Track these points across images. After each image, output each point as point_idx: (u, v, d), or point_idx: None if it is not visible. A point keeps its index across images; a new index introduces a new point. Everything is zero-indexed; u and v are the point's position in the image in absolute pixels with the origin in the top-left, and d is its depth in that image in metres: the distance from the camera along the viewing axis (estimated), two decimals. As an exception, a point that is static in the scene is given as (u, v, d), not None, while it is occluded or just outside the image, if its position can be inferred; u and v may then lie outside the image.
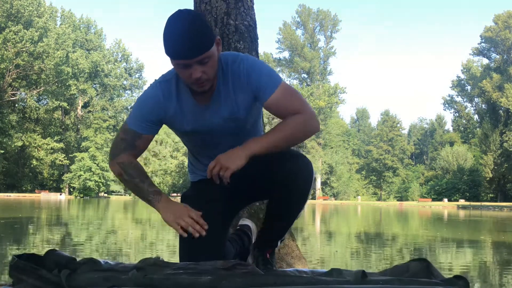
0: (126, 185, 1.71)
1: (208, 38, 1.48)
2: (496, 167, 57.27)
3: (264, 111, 1.79)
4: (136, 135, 1.67)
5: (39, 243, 5.52)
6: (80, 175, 51.77)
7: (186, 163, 58.67)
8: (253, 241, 1.97)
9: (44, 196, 43.67)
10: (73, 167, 52.47)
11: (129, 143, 1.68)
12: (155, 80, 1.69)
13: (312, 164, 1.65)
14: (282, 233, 1.82)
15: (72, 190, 54.07)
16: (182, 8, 1.56)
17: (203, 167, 1.79)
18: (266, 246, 1.85)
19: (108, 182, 55.33)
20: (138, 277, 1.35)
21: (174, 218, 1.61)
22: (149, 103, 1.65)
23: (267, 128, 2.20)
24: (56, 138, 53.11)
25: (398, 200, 65.83)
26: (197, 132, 1.69)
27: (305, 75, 68.91)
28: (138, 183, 1.68)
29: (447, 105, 71.02)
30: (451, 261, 4.91)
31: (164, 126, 1.76)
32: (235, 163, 1.52)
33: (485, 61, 63.19)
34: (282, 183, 1.61)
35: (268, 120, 56.83)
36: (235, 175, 1.62)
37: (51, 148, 51.91)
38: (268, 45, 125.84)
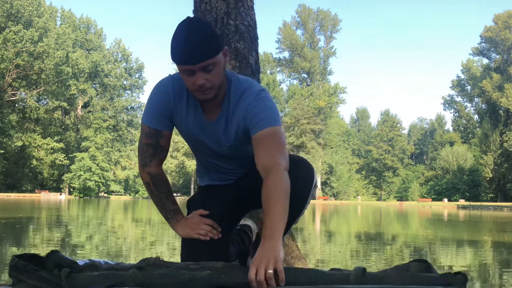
0: (151, 195, 1.76)
1: (214, 46, 1.48)
2: (496, 167, 57.29)
3: None
4: (158, 134, 1.68)
5: (39, 243, 5.52)
6: (80, 175, 51.79)
7: (186, 163, 58.66)
8: (253, 240, 1.98)
9: (44, 196, 43.67)
10: (73, 167, 52.48)
11: (155, 146, 1.69)
12: (169, 74, 1.69)
13: (313, 170, 1.67)
14: None
15: (72, 190, 54.08)
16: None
17: (209, 173, 1.86)
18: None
19: (108, 182, 55.38)
20: (138, 275, 1.36)
21: (191, 230, 1.69)
22: (160, 97, 1.66)
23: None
24: (56, 138, 53.13)
25: (398, 200, 65.85)
26: (196, 141, 1.72)
27: (305, 75, 68.96)
28: (163, 198, 1.74)
29: (447, 105, 71.12)
30: (452, 261, 4.91)
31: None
32: (278, 254, 1.35)
33: (485, 61, 63.36)
34: None
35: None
36: (242, 183, 1.74)
37: (51, 148, 51.92)
38: (268, 45, 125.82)
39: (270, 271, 1.28)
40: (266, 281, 1.27)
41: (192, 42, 1.46)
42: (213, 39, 1.49)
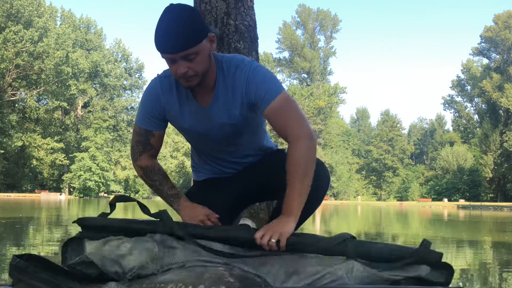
0: (148, 185, 1.80)
1: (195, 34, 1.46)
2: (496, 167, 57.28)
3: None
4: (148, 133, 1.70)
5: (39, 243, 5.53)
6: (80, 175, 51.77)
7: (186, 163, 58.62)
8: None
9: (44, 196, 43.67)
10: (73, 167, 52.47)
11: (144, 144, 1.72)
12: (157, 75, 1.69)
13: (328, 173, 1.70)
14: None
15: (72, 190, 54.07)
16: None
17: (207, 167, 1.85)
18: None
19: (108, 182, 55.34)
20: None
21: (189, 219, 1.69)
22: (150, 99, 1.67)
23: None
24: (56, 138, 53.11)
25: (398, 200, 65.87)
26: (195, 132, 1.71)
27: (305, 75, 68.94)
28: (157, 186, 1.76)
29: (447, 105, 71.09)
30: (452, 261, 4.91)
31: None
32: (287, 228, 1.47)
33: (485, 61, 63.31)
34: None
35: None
36: (246, 176, 1.73)
37: (51, 148, 51.91)
38: (268, 45, 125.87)
39: (274, 240, 1.43)
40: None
41: (172, 32, 1.44)
42: (194, 28, 1.46)
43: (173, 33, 1.45)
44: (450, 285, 1.33)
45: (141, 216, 1.66)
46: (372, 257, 1.38)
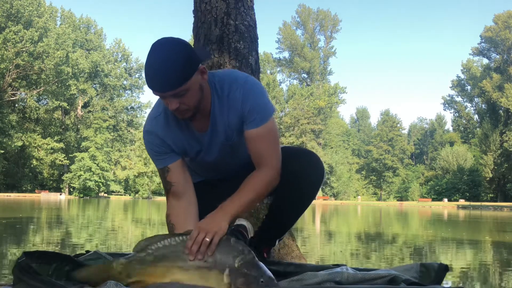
0: None
1: (183, 73, 1.43)
2: (496, 167, 57.30)
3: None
4: (164, 171, 1.69)
5: (39, 243, 5.53)
6: (80, 175, 51.77)
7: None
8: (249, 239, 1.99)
9: (44, 196, 43.65)
10: (73, 167, 52.46)
11: (165, 184, 1.71)
12: (149, 115, 1.69)
13: (322, 164, 1.70)
14: (282, 232, 1.84)
15: (72, 190, 54.07)
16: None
17: (204, 173, 1.88)
18: (264, 244, 1.87)
19: (108, 182, 55.34)
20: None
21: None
22: (151, 140, 1.68)
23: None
24: (56, 138, 53.12)
25: (398, 200, 65.87)
26: (199, 157, 1.74)
27: (305, 75, 68.97)
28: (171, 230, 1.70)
29: (447, 105, 71.12)
30: (452, 261, 4.92)
31: None
32: (221, 227, 1.46)
33: (485, 61, 63.37)
34: (291, 182, 1.66)
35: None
36: (244, 175, 1.70)
37: (51, 148, 51.91)
38: (268, 45, 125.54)
39: (208, 239, 1.40)
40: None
41: (159, 72, 1.42)
42: (182, 66, 1.43)
43: (160, 74, 1.42)
44: (451, 285, 1.33)
45: (141, 216, 1.65)
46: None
